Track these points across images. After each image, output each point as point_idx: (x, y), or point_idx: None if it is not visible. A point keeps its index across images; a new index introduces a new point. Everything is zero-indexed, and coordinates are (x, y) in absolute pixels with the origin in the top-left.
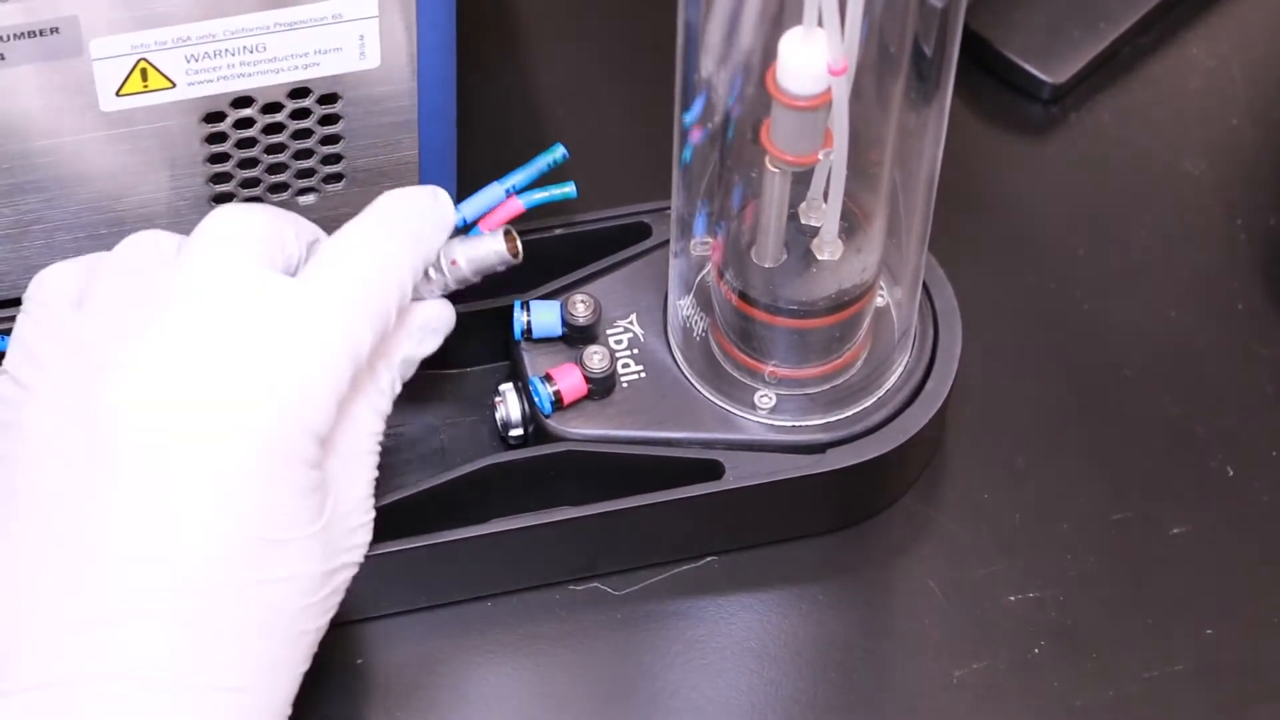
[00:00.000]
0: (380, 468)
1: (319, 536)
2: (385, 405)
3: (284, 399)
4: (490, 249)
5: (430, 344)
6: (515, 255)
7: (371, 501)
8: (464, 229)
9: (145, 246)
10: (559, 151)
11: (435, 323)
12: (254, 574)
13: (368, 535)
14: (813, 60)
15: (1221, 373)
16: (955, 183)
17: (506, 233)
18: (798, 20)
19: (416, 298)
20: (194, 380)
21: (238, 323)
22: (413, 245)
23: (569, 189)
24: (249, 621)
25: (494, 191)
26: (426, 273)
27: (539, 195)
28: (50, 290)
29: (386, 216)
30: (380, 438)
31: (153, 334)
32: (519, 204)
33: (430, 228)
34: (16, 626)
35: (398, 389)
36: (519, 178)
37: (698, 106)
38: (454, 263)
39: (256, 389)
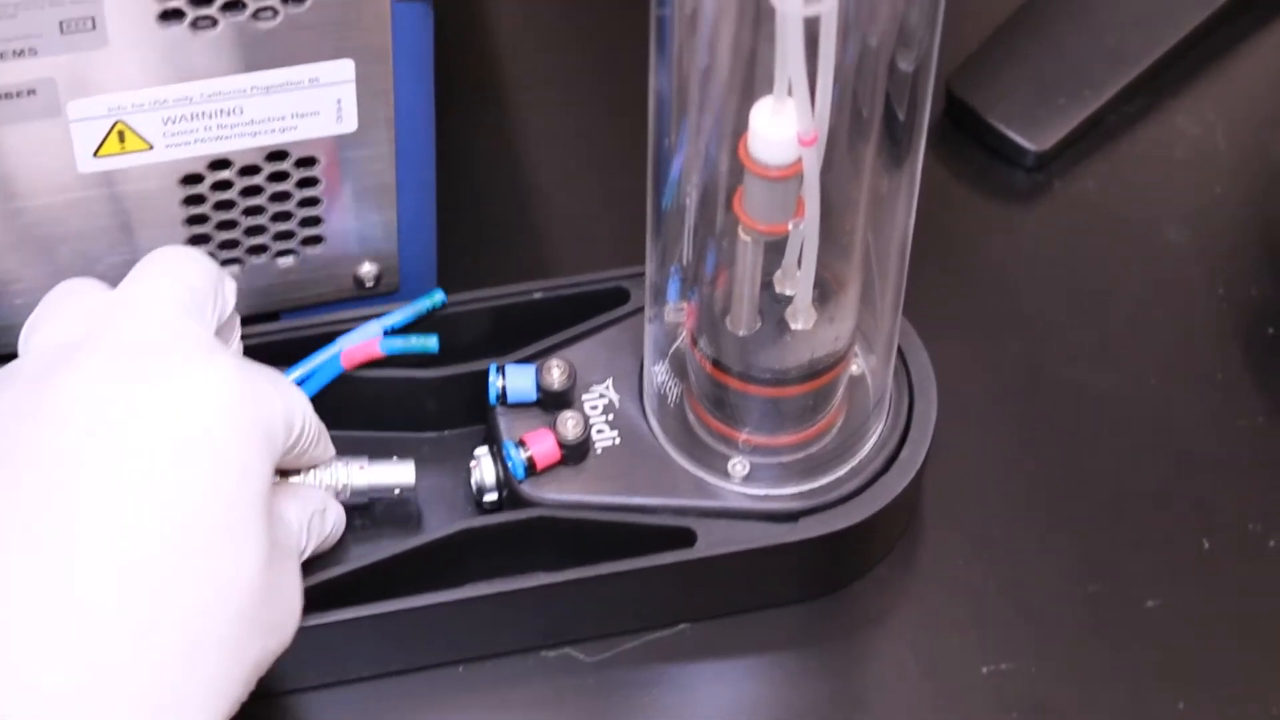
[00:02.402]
0: (354, 528)
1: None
2: (294, 545)
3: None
4: (395, 478)
5: (325, 529)
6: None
7: (299, 592)
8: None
9: (77, 285)
10: (438, 296)
11: (332, 515)
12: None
13: (293, 618)
14: (783, 130)
15: (1200, 443)
16: (938, 249)
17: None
18: (768, 89)
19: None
20: (137, 375)
21: (168, 344)
22: None
23: (431, 342)
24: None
25: (371, 329)
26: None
27: (398, 344)
28: None
29: None
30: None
31: (100, 346)
32: (378, 350)
33: None
34: None
35: (303, 547)
36: (396, 317)
37: (670, 174)
38: (360, 468)
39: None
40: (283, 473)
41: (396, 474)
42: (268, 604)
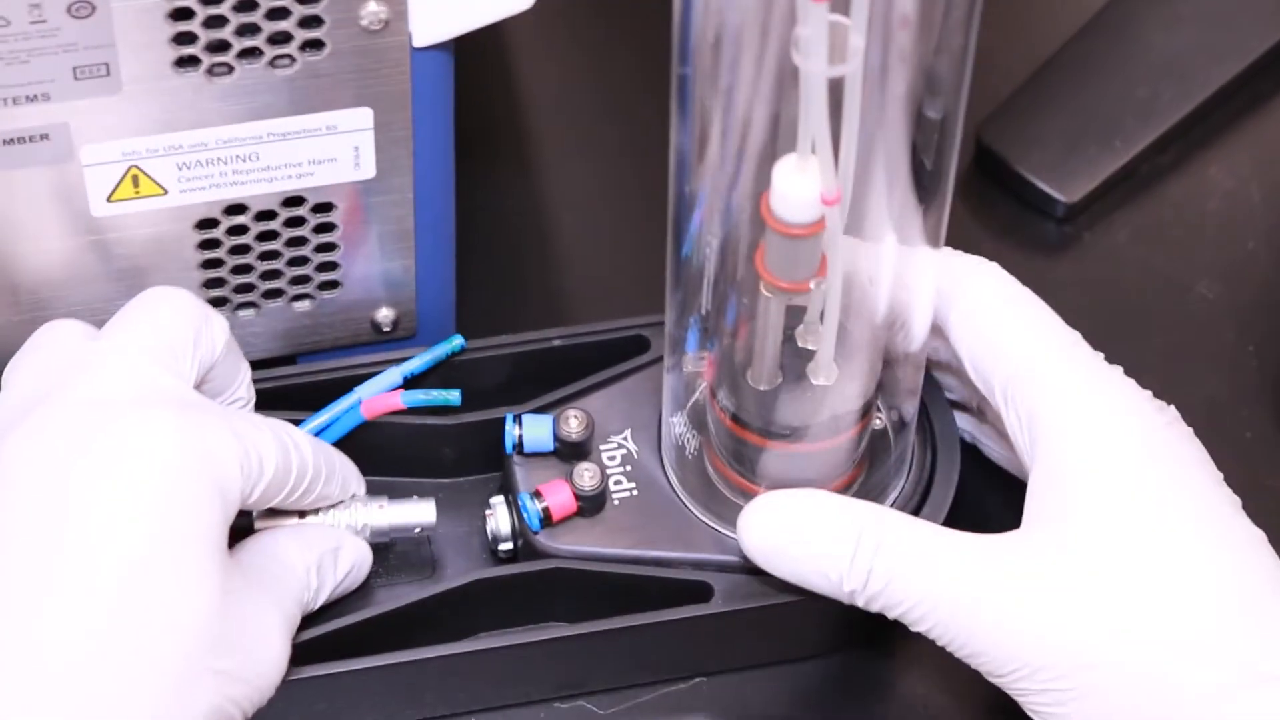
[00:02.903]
0: (371, 574)
1: (216, 608)
2: (295, 588)
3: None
4: (416, 517)
5: (341, 569)
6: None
7: (281, 656)
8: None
9: (59, 328)
10: (456, 342)
11: (350, 553)
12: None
13: (273, 674)
14: (806, 189)
15: None
16: None
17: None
18: (791, 147)
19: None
20: (81, 435)
21: (119, 401)
22: None
23: (453, 395)
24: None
25: (391, 375)
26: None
27: (419, 397)
28: None
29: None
30: (292, 617)
31: (56, 404)
32: (399, 402)
33: None
34: None
35: (316, 588)
36: (415, 363)
37: (689, 229)
38: (380, 507)
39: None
40: (301, 513)
41: (417, 513)
42: (223, 652)
